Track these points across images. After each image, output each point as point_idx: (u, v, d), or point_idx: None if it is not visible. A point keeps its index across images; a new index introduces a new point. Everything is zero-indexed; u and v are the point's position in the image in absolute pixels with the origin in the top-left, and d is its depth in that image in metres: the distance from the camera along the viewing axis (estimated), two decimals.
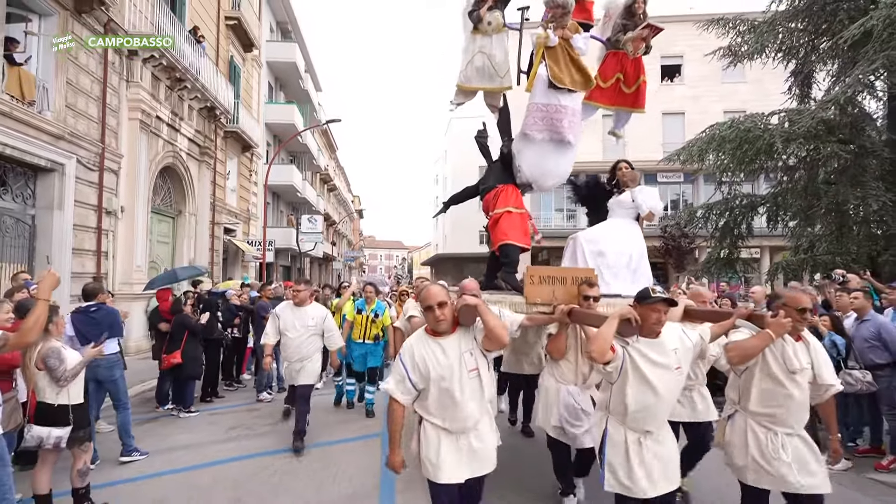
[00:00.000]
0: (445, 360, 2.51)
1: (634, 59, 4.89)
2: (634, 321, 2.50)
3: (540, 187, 4.90)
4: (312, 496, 4.00)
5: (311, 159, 27.95)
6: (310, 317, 5.25)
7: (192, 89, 12.90)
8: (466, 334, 2.60)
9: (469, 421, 2.55)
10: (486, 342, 2.54)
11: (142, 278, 10.68)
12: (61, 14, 8.82)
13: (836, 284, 6.16)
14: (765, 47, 12.04)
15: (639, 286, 4.02)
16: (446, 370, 2.50)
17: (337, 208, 39.50)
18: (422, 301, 2.55)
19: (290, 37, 24.85)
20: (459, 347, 2.55)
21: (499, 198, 4.66)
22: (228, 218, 16.94)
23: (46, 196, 8.85)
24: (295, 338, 5.20)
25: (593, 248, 4.33)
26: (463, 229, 39.01)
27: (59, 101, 8.83)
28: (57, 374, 3.34)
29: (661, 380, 2.52)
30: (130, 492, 4.00)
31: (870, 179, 9.32)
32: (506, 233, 4.49)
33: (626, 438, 2.61)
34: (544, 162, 4.67)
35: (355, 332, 6.53)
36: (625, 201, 4.48)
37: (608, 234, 4.41)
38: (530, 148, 4.67)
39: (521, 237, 4.52)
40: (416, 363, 2.53)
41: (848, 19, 10.17)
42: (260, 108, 20.58)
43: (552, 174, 4.76)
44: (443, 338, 2.57)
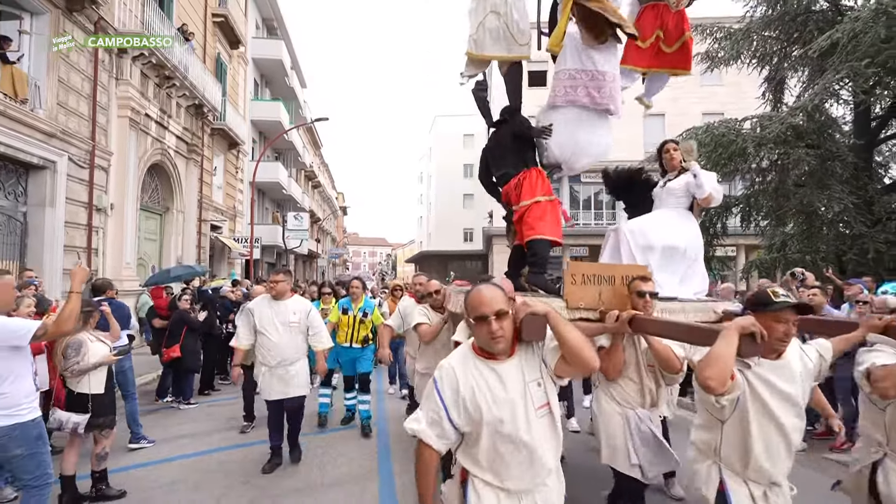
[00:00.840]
0: (504, 393, 1.78)
1: (677, 11, 4.18)
2: (760, 336, 1.86)
3: (571, 168, 4.15)
4: (317, 477, 4.28)
5: (296, 156, 27.96)
6: (291, 311, 4.43)
7: (180, 87, 12.97)
8: (530, 357, 1.87)
9: (539, 477, 1.83)
10: (561, 366, 1.82)
11: (131, 275, 10.78)
12: (53, 12, 8.88)
13: (797, 281, 6.61)
14: (740, 54, 12.53)
15: (692, 288, 3.66)
16: (506, 409, 1.77)
17: (321, 205, 39.49)
18: (470, 309, 1.81)
19: (276, 33, 24.83)
20: (523, 376, 1.83)
21: (522, 187, 3.84)
22: (215, 215, 16.99)
23: (38, 193, 8.92)
24: (274, 338, 4.35)
25: (640, 241, 3.58)
26: (447, 227, 39.41)
27: (50, 99, 8.90)
28: (68, 363, 3.60)
29: (788, 414, 1.99)
30: (142, 476, 4.24)
31: (835, 182, 9.85)
32: (533, 226, 3.72)
33: (752, 494, 2.03)
34: (577, 138, 3.92)
35: (340, 335, 5.67)
36: (676, 188, 3.75)
37: (657, 225, 3.67)
38: (560, 122, 3.90)
39: (552, 230, 3.75)
40: (461, 397, 1.79)
41: (817, 30, 10.69)
42: (246, 105, 20.59)
43: (586, 152, 4.00)
44: (499, 362, 1.83)
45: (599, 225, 25.46)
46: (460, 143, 40.14)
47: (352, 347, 5.67)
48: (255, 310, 4.44)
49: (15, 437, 2.57)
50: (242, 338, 4.44)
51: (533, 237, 3.71)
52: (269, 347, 4.37)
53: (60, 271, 8.99)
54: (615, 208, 25.72)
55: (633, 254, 3.56)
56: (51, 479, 2.80)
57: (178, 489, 4.00)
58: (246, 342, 4.44)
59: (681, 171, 3.79)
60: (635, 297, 2.85)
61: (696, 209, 3.81)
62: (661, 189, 3.87)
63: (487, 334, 1.77)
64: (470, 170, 39.73)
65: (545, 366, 1.87)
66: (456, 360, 1.88)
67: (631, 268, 3.10)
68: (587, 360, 1.77)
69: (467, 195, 39.44)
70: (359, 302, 5.74)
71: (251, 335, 4.43)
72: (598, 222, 25.76)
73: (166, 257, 13.37)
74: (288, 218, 22.96)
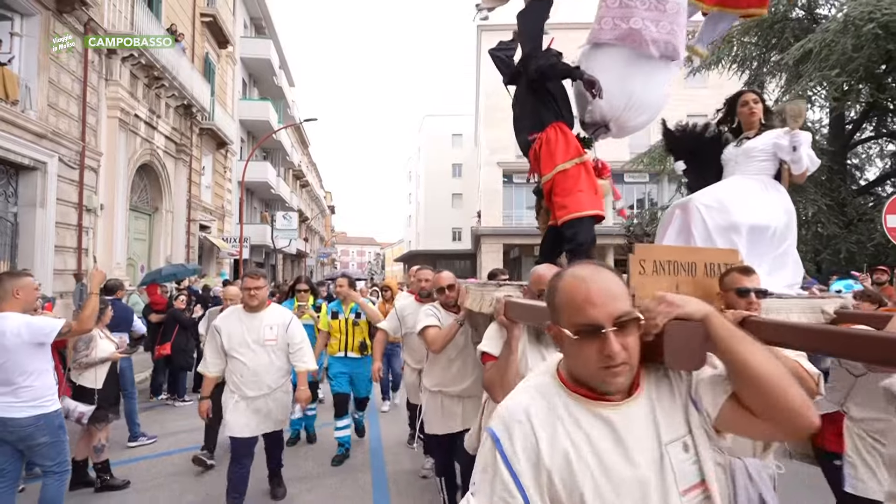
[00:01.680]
0: (627, 466, 1.00)
1: None
2: None
3: (622, 127, 3.32)
4: (312, 469, 4.48)
5: (284, 155, 27.98)
6: (266, 325, 3.55)
7: (169, 87, 13.01)
8: (668, 395, 1.08)
9: None
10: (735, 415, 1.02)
11: (121, 275, 10.81)
12: (43, 14, 8.92)
13: None
14: (721, 59, 12.92)
15: (784, 279, 2.79)
16: (630, 495, 0.98)
17: (309, 204, 39.46)
18: (566, 309, 1.04)
19: (265, 33, 24.84)
20: (656, 431, 1.03)
21: (541, 156, 3.05)
22: (204, 215, 17.03)
23: (28, 194, 8.96)
24: (249, 361, 3.49)
25: (720, 219, 2.73)
26: (436, 227, 39.59)
27: (41, 100, 8.94)
28: (78, 356, 3.84)
29: None
30: (146, 468, 4.42)
31: (809, 185, 10.24)
32: (565, 204, 2.92)
33: None
34: (630, 86, 3.10)
35: (333, 344, 4.85)
36: (757, 150, 2.88)
37: (740, 199, 2.78)
38: (606, 66, 3.11)
39: (589, 201, 2.93)
40: (545, 472, 1.00)
41: (793, 37, 11.08)
42: (234, 104, 20.61)
43: (643, 105, 3.19)
44: (614, 405, 1.04)
45: None
46: (449, 142, 40.39)
47: (347, 357, 4.78)
48: (221, 328, 3.54)
49: (40, 426, 2.77)
50: (211, 364, 3.56)
51: (566, 218, 2.88)
52: (243, 373, 3.48)
53: (51, 271, 9.04)
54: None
55: (712, 236, 2.70)
56: (69, 466, 3.00)
57: (181, 479, 4.18)
58: (216, 369, 3.58)
59: (760, 128, 2.95)
60: (733, 295, 2.05)
61: (784, 180, 2.94)
62: (736, 150, 2.97)
63: (599, 360, 0.98)
64: (458, 169, 39.99)
65: (698, 412, 1.06)
66: (529, 398, 1.07)
67: (718, 253, 2.33)
68: (796, 410, 0.96)
69: (456, 195, 39.69)
70: (349, 303, 4.89)
71: (221, 359, 3.56)
72: None
73: (155, 257, 13.41)
74: (276, 217, 23.01)
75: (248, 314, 3.57)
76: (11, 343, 2.70)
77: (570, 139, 3.06)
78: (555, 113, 3.15)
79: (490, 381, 2.18)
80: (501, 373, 2.08)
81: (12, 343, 2.70)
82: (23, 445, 2.81)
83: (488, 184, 26.36)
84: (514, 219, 26.58)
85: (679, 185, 13.90)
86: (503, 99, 15.97)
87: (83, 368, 3.89)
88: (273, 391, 3.58)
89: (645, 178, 24.36)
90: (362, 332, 4.87)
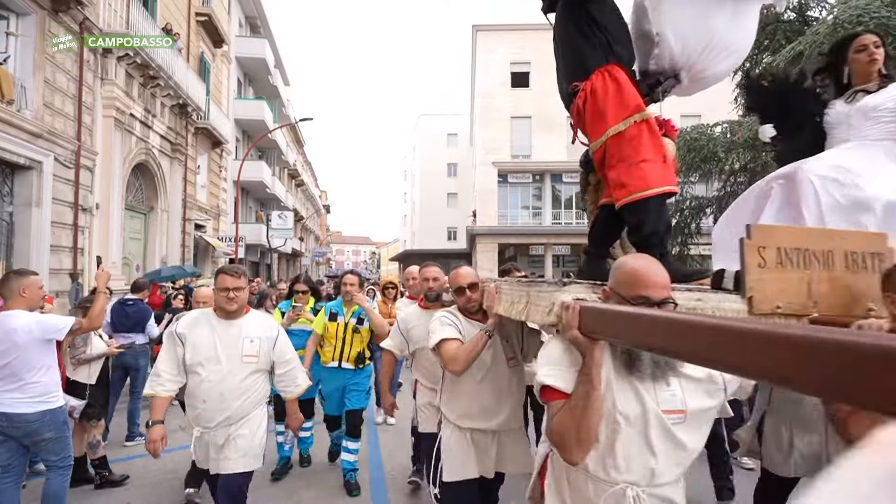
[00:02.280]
0: None
1: None
2: None
3: (697, 77, 2.39)
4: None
5: (279, 155, 27.97)
6: (245, 336, 2.76)
7: (164, 87, 13.02)
8: None
9: None
10: None
11: (117, 275, 10.83)
12: (38, 13, 8.93)
13: None
14: None
15: None
16: None
17: (305, 204, 39.44)
18: None
19: (260, 32, 24.84)
20: None
21: (587, 111, 2.17)
22: (199, 214, 17.03)
23: (24, 193, 8.97)
24: (216, 379, 2.67)
25: (843, 193, 2.09)
26: (431, 226, 39.69)
27: (36, 99, 8.95)
28: (76, 351, 3.90)
29: None
30: (143, 465, 4.47)
31: None
32: (624, 181, 2.06)
33: None
34: (712, 24, 2.23)
35: (326, 351, 4.14)
36: (881, 107, 2.24)
37: (868, 168, 2.15)
38: None
39: (659, 175, 2.06)
40: None
41: (784, 39, 11.22)
42: (229, 104, 20.60)
43: (727, 45, 2.30)
44: None
45: (581, 224, 25.99)
46: (444, 142, 40.50)
47: (341, 369, 4.10)
48: (186, 336, 2.69)
49: (47, 421, 2.84)
50: (166, 380, 2.68)
51: (627, 200, 2.04)
52: (207, 396, 2.65)
53: (47, 271, 9.04)
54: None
55: (829, 216, 2.06)
56: (72, 461, 3.07)
57: (180, 475, 4.22)
58: (172, 387, 2.70)
59: (882, 80, 2.30)
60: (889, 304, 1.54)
61: None
62: (848, 108, 2.33)
63: None
64: (454, 169, 40.08)
65: None
66: None
67: (859, 239, 1.75)
68: None
69: (451, 194, 39.80)
70: (352, 305, 4.18)
71: (181, 375, 2.72)
72: (580, 221, 26.28)
73: (151, 257, 13.42)
74: (272, 217, 23.01)
75: (222, 321, 2.75)
76: (23, 340, 2.77)
77: (624, 89, 2.07)
78: (604, 49, 2.15)
79: (561, 431, 1.43)
80: (578, 418, 1.39)
81: (23, 340, 2.77)
82: (29, 441, 2.88)
83: (483, 183, 26.47)
84: (510, 218, 26.71)
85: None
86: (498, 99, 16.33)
87: (79, 364, 3.99)
88: (237, 421, 2.70)
89: None
90: (362, 342, 4.16)
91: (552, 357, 1.55)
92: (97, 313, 3.07)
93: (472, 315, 2.59)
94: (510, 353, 2.53)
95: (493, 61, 26.11)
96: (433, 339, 2.48)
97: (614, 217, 2.21)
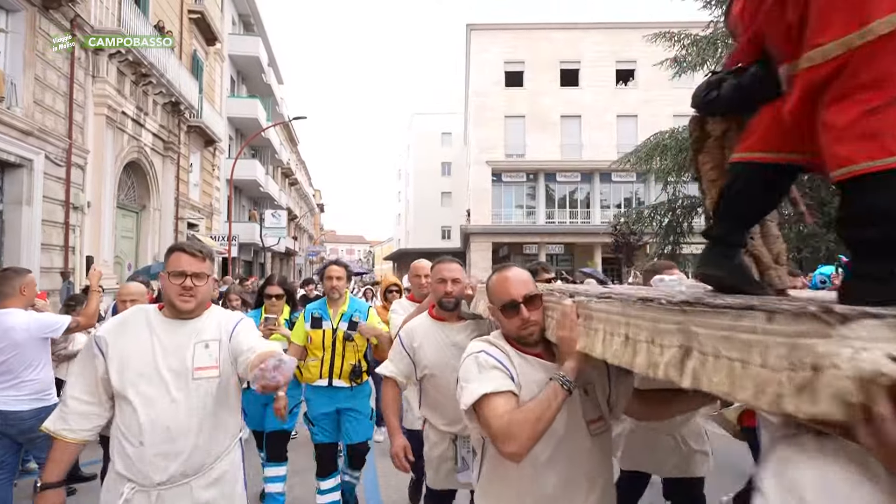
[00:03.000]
0: None
1: None
2: None
3: None
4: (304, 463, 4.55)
5: (273, 153, 27.88)
6: (200, 341, 1.85)
7: (156, 84, 12.95)
8: None
9: None
10: None
11: (108, 273, 10.77)
12: (29, 10, 8.86)
13: None
14: (706, 60, 13.15)
15: None
16: None
17: (298, 202, 39.33)
18: None
19: (253, 30, 24.75)
20: None
21: None
22: (192, 213, 16.96)
23: (14, 191, 8.90)
24: (154, 406, 1.74)
25: None
26: (425, 225, 39.70)
27: (27, 97, 8.88)
28: (56, 348, 3.92)
29: None
30: None
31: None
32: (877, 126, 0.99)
33: None
34: None
35: (311, 368, 3.26)
36: None
37: None
38: None
39: None
40: None
41: None
42: (222, 102, 20.51)
43: None
44: None
45: (574, 223, 26.13)
46: (438, 141, 40.53)
47: (332, 387, 3.22)
48: (109, 343, 1.79)
49: (41, 419, 2.82)
50: (74, 412, 1.79)
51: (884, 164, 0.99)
52: (142, 436, 1.72)
53: (38, 269, 8.97)
54: (589, 206, 26.45)
55: None
56: None
57: None
58: (78, 425, 1.79)
59: None
60: None
61: None
62: None
63: None
64: (448, 168, 40.13)
65: None
66: None
67: None
68: None
69: (445, 193, 39.86)
70: (340, 304, 3.32)
71: (98, 405, 1.81)
72: (573, 221, 26.42)
73: (143, 255, 13.35)
74: (265, 215, 22.95)
75: (168, 320, 1.85)
76: (21, 338, 2.81)
77: None
78: None
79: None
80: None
81: (21, 338, 2.81)
82: (23, 438, 2.90)
83: (477, 182, 26.53)
84: (504, 217, 26.80)
85: (665, 184, 14.11)
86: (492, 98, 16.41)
87: (60, 361, 4.00)
88: (203, 476, 1.78)
89: (632, 178, 24.64)
90: (356, 352, 3.28)
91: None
92: (92, 312, 3.11)
93: (528, 347, 1.61)
94: (593, 411, 1.59)
95: (487, 60, 26.17)
96: (470, 391, 1.49)
97: (766, 182, 1.36)
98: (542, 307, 1.62)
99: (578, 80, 26.43)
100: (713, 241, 1.46)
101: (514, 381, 1.52)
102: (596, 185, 26.28)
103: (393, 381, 2.48)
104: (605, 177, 25.21)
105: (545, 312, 1.62)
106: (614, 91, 26.39)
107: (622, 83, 26.73)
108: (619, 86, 26.61)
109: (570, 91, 26.24)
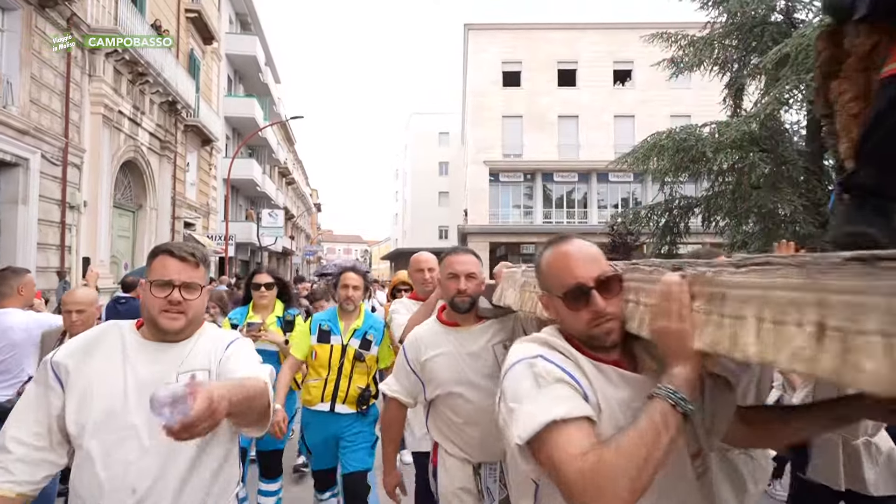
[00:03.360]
0: None
1: None
2: None
3: None
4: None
5: (270, 153, 27.82)
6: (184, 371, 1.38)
7: (153, 84, 12.90)
8: None
9: None
10: None
11: (105, 273, 10.74)
12: (25, 9, 8.81)
13: None
14: (702, 61, 13.19)
15: None
16: None
17: (295, 202, 39.24)
18: None
19: (250, 29, 24.67)
20: None
21: None
22: (188, 212, 16.90)
23: (10, 191, 8.86)
24: (129, 463, 1.27)
25: None
26: (423, 225, 39.68)
27: (23, 96, 8.84)
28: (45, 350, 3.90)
29: None
30: None
31: (786, 186, 10.53)
32: None
33: None
34: None
35: (312, 389, 2.84)
36: None
37: None
38: None
39: None
40: None
41: (772, 41, 11.37)
42: (219, 101, 20.45)
43: None
44: None
45: (571, 223, 26.12)
46: (435, 141, 40.51)
47: (334, 413, 2.81)
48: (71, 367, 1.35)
49: None
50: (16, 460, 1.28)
51: None
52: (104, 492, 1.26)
53: (34, 269, 8.94)
54: (587, 206, 26.47)
55: None
56: None
57: None
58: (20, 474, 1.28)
59: None
60: None
61: None
62: None
63: None
64: (445, 168, 40.11)
65: None
66: None
67: None
68: None
69: (442, 193, 39.83)
70: (355, 318, 2.91)
71: (48, 450, 1.33)
72: (570, 220, 26.43)
73: (139, 255, 13.30)
74: (262, 215, 22.90)
75: (147, 343, 1.44)
76: (20, 337, 2.82)
77: None
78: None
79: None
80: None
81: (20, 337, 2.82)
82: None
83: (475, 182, 26.50)
84: (501, 217, 26.78)
85: (662, 184, 14.13)
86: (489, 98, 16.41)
87: None
88: None
89: (629, 178, 24.65)
90: (367, 374, 2.86)
91: None
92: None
93: (602, 353, 1.14)
94: (692, 443, 1.12)
95: (485, 60, 26.15)
96: (525, 418, 0.99)
97: None
98: (621, 294, 1.11)
99: (576, 80, 26.43)
100: (860, 192, 1.08)
101: (590, 400, 1.02)
102: (593, 186, 26.30)
103: (396, 402, 2.07)
104: (603, 177, 25.22)
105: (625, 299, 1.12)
106: (612, 91, 26.40)
107: (619, 83, 26.74)
108: (616, 86, 26.63)
109: (568, 91, 26.24)
